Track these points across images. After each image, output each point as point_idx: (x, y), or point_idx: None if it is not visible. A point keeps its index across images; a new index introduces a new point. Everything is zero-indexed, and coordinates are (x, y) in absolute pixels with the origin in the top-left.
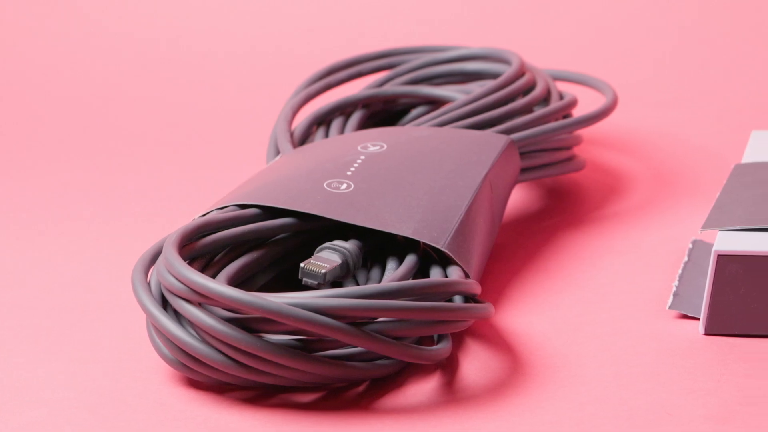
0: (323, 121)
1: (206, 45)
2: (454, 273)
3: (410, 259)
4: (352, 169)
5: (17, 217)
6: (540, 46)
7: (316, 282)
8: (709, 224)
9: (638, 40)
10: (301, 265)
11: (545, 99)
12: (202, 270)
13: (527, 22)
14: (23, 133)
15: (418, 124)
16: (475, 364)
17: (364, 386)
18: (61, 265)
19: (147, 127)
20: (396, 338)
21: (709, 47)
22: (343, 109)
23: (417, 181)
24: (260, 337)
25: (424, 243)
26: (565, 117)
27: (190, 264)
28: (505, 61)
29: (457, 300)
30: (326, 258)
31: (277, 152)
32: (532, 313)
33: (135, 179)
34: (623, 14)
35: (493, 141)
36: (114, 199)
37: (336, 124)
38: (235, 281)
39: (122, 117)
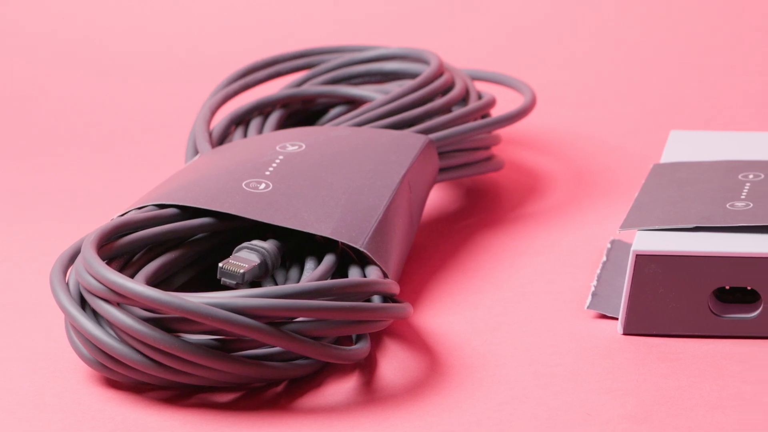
0: (242, 121)
1: (123, 44)
2: (373, 273)
3: (329, 259)
4: (271, 168)
5: None
6: (458, 46)
7: (234, 282)
8: (627, 224)
9: (556, 39)
10: (220, 264)
11: (464, 99)
12: (121, 270)
13: (445, 22)
14: None
15: (337, 124)
16: (394, 364)
17: (283, 386)
18: None
19: (64, 127)
20: (314, 338)
21: (628, 47)
22: (261, 109)
23: (336, 180)
24: (178, 336)
25: (342, 243)
26: (483, 117)
27: (108, 264)
28: (423, 60)
29: (376, 300)
30: (245, 258)
31: (196, 152)
32: (451, 313)
33: (52, 179)
34: (541, 14)
35: (411, 141)
36: (31, 200)
37: (254, 123)
38: (154, 281)
39: (39, 117)
